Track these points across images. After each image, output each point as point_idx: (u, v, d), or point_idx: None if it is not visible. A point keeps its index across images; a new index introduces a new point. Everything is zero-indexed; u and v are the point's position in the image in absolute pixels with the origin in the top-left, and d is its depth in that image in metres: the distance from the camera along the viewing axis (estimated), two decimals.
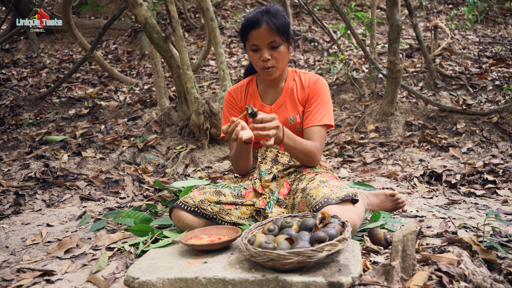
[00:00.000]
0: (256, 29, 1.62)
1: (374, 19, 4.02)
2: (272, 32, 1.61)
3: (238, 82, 1.94)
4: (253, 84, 1.86)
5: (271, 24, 1.61)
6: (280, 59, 1.68)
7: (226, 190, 1.70)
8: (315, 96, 1.76)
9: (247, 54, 1.73)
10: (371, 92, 3.96)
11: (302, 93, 1.79)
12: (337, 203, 1.45)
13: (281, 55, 1.67)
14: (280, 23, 1.63)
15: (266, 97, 1.83)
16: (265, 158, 1.85)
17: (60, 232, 1.86)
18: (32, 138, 3.48)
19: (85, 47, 4.55)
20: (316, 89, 1.76)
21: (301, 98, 1.79)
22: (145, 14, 3.05)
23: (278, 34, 1.62)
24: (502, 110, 3.31)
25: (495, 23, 6.20)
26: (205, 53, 4.30)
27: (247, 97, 1.86)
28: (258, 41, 1.63)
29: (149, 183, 2.71)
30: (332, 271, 1.10)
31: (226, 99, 1.88)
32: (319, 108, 1.74)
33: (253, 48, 1.66)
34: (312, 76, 1.81)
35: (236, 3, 7.18)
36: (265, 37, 1.62)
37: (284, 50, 1.67)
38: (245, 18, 1.68)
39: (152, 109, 3.86)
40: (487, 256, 1.23)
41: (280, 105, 1.80)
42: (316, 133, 1.71)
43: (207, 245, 1.30)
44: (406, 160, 3.00)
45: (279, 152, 1.85)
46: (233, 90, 1.88)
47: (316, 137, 1.71)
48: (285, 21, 1.66)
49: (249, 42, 1.66)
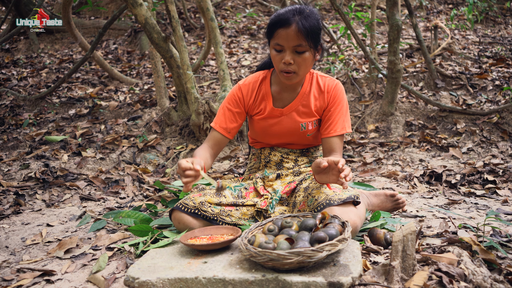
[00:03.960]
0: (284, 28, 1.51)
1: (374, 19, 4.02)
2: (300, 36, 1.50)
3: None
4: (267, 83, 1.74)
5: (301, 26, 1.49)
6: (303, 66, 1.57)
7: (226, 191, 1.69)
8: (335, 104, 1.68)
9: (270, 51, 1.61)
10: (371, 92, 3.96)
11: (320, 99, 1.70)
12: (339, 204, 1.45)
13: (304, 62, 1.56)
14: (312, 27, 1.51)
15: (279, 99, 1.72)
16: (269, 161, 1.81)
17: (60, 232, 1.86)
18: (32, 138, 3.48)
19: (85, 47, 4.55)
20: (336, 96, 1.68)
21: (319, 105, 1.70)
22: (145, 14, 3.05)
23: (306, 39, 1.51)
24: (502, 110, 3.31)
25: (495, 23, 6.20)
26: (205, 53, 4.30)
27: (258, 97, 1.74)
28: (284, 41, 1.52)
29: (149, 183, 2.71)
30: (332, 271, 1.10)
31: (234, 93, 1.74)
32: (340, 116, 1.67)
33: (277, 48, 1.55)
34: (330, 81, 1.71)
35: (236, 3, 7.17)
36: (292, 39, 1.51)
37: (309, 57, 1.56)
38: (275, 13, 1.57)
39: (152, 109, 3.86)
40: (487, 256, 1.23)
41: (292, 110, 1.70)
42: (337, 143, 1.66)
43: (207, 245, 1.30)
44: (406, 160, 3.00)
45: (283, 156, 1.80)
46: (244, 86, 1.74)
47: (338, 148, 1.66)
48: (317, 25, 1.55)
49: (274, 40, 1.55)
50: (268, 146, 1.82)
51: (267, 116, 1.73)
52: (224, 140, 1.74)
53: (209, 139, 1.75)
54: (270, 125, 1.73)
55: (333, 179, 1.41)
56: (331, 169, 1.41)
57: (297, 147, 1.80)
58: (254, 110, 1.75)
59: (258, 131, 1.77)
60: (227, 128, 1.73)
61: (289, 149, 1.80)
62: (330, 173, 1.42)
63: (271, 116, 1.72)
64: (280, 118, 1.72)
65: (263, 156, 1.83)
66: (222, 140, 1.74)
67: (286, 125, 1.72)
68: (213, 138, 1.74)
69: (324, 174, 1.43)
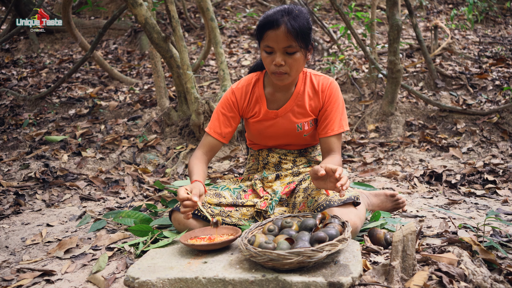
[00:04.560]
0: (273, 30, 1.48)
1: (374, 19, 4.02)
2: (290, 36, 1.48)
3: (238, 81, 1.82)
4: (260, 85, 1.71)
5: (290, 27, 1.47)
6: (294, 66, 1.54)
7: (226, 193, 1.68)
8: (331, 103, 1.66)
9: (260, 53, 1.59)
10: (371, 92, 3.96)
11: (315, 99, 1.68)
12: (339, 205, 1.45)
13: (296, 62, 1.54)
14: (301, 27, 1.49)
15: (273, 100, 1.70)
16: (267, 163, 1.80)
17: (60, 232, 1.86)
18: (32, 138, 3.48)
19: (85, 47, 4.55)
20: (331, 95, 1.66)
21: (314, 105, 1.68)
22: (145, 14, 3.05)
23: (296, 39, 1.48)
24: (502, 110, 3.31)
25: (495, 23, 6.20)
26: (205, 53, 4.30)
27: (252, 100, 1.71)
28: (274, 43, 1.50)
29: (149, 183, 2.71)
30: (332, 271, 1.10)
31: (227, 97, 1.72)
32: (337, 115, 1.65)
33: (267, 49, 1.53)
34: (324, 80, 1.68)
35: (236, 3, 7.17)
36: (282, 40, 1.48)
37: (300, 57, 1.54)
38: (264, 15, 1.54)
39: (152, 109, 3.86)
40: (487, 256, 1.23)
41: (287, 111, 1.69)
42: (335, 143, 1.65)
43: (207, 245, 1.30)
44: (406, 160, 3.00)
45: (281, 158, 1.79)
46: (237, 89, 1.72)
47: (336, 148, 1.65)
48: (307, 25, 1.52)
49: (264, 42, 1.53)
50: (265, 148, 1.81)
51: (262, 118, 1.71)
52: (218, 145, 1.74)
53: (204, 144, 1.73)
54: (266, 127, 1.72)
55: (331, 186, 1.40)
56: (329, 177, 1.39)
57: (294, 147, 1.79)
58: (249, 113, 1.74)
59: (254, 133, 1.76)
60: (221, 133, 1.72)
61: (287, 150, 1.79)
62: (328, 180, 1.40)
63: (266, 119, 1.71)
64: (276, 120, 1.70)
65: (261, 158, 1.82)
66: (217, 145, 1.73)
67: (282, 126, 1.70)
68: (207, 144, 1.73)
69: (321, 180, 1.42)
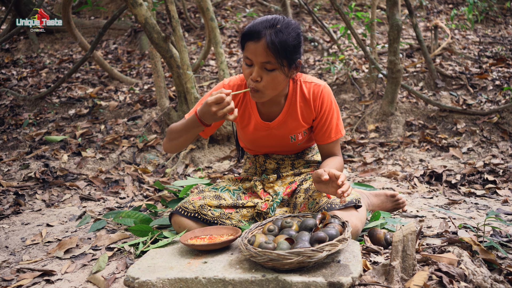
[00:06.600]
0: (253, 42, 1.37)
1: (374, 19, 4.02)
2: (269, 52, 1.35)
3: None
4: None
5: (270, 42, 1.34)
6: (271, 85, 1.42)
7: (226, 195, 1.66)
8: (326, 112, 1.59)
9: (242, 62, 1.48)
10: (371, 92, 3.96)
11: (306, 109, 1.60)
12: (340, 208, 1.44)
13: (273, 81, 1.41)
14: (283, 42, 1.35)
15: (265, 112, 1.63)
16: (265, 170, 1.78)
17: (60, 232, 1.86)
18: (32, 138, 3.48)
19: (85, 47, 4.55)
20: (323, 103, 1.58)
21: (307, 114, 1.61)
22: (145, 14, 3.05)
23: (275, 56, 1.35)
24: (502, 110, 3.31)
25: (495, 23, 6.19)
26: (205, 53, 4.30)
27: (242, 105, 1.63)
28: (252, 56, 1.38)
29: (149, 183, 2.71)
30: (332, 271, 1.10)
31: (222, 87, 1.61)
32: (333, 122, 1.61)
33: (247, 61, 1.42)
34: (315, 88, 1.58)
35: (236, 3, 7.17)
36: (260, 54, 1.36)
37: (278, 76, 1.40)
38: (249, 23, 1.43)
39: (152, 109, 3.86)
40: (487, 256, 1.23)
41: (280, 123, 1.62)
42: (335, 147, 1.65)
43: (207, 245, 1.30)
44: (406, 160, 3.00)
45: (279, 163, 1.76)
46: (229, 87, 1.61)
47: (336, 150, 1.66)
48: (292, 41, 1.38)
49: (244, 52, 1.42)
50: (261, 154, 1.78)
51: (254, 130, 1.66)
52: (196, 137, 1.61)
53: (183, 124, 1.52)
54: (258, 138, 1.68)
55: (332, 191, 1.38)
56: (331, 181, 1.37)
57: (291, 152, 1.77)
58: (239, 119, 1.66)
59: (247, 141, 1.73)
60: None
61: (284, 155, 1.77)
62: (330, 185, 1.38)
63: (259, 130, 1.65)
64: (269, 131, 1.65)
65: (259, 164, 1.79)
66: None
67: (275, 137, 1.67)
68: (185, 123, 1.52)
69: (324, 184, 1.40)
